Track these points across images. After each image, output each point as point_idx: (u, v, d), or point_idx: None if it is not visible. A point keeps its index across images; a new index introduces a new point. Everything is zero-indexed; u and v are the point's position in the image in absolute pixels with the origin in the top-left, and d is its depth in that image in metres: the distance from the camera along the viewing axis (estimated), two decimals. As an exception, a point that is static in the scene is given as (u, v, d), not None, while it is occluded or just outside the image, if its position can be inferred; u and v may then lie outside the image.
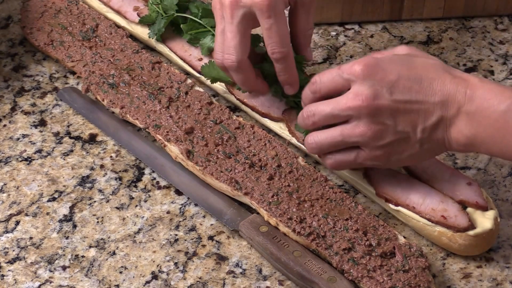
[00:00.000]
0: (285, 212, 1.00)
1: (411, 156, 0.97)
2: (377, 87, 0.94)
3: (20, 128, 1.14)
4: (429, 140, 0.95)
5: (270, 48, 1.02)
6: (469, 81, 0.93)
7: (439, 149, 0.97)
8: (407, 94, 0.94)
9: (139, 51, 1.20)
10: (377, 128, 0.94)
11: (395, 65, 0.95)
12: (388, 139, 0.95)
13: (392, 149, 0.96)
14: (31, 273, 0.99)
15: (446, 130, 0.94)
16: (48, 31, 1.23)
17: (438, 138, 0.95)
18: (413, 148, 0.96)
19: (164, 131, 1.09)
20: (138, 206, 1.06)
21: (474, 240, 0.98)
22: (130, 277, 0.99)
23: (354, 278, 0.95)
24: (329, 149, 0.99)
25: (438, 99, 0.93)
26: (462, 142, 0.94)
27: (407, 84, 0.94)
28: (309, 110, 0.99)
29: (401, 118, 0.94)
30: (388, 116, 0.94)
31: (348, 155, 0.99)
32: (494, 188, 1.07)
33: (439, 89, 0.93)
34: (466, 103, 0.92)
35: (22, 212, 1.05)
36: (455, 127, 0.94)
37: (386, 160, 0.98)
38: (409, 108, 0.94)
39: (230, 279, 0.99)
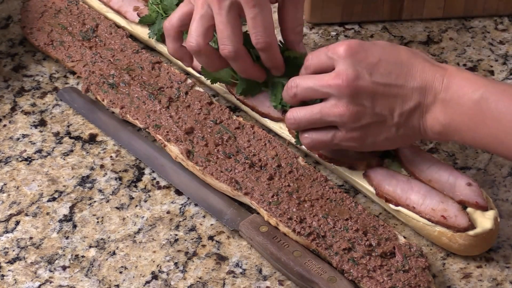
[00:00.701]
0: (285, 212, 1.00)
1: (386, 140, 0.98)
2: (358, 67, 0.96)
3: (20, 128, 1.14)
4: (405, 125, 0.97)
5: (254, 38, 1.03)
6: (447, 69, 0.95)
7: (414, 135, 0.98)
8: (387, 77, 0.96)
9: (139, 51, 1.20)
10: (355, 109, 0.96)
11: (377, 48, 0.97)
12: (365, 120, 0.97)
13: (368, 131, 0.98)
14: (31, 273, 0.99)
15: (422, 117, 0.96)
16: (48, 31, 1.23)
17: (414, 124, 0.96)
18: (389, 132, 0.97)
19: (164, 131, 1.09)
20: (138, 206, 1.06)
21: (474, 240, 0.98)
22: (130, 277, 0.99)
23: (354, 278, 0.95)
24: (307, 126, 1.01)
25: (416, 85, 0.95)
26: (436, 130, 0.96)
27: (387, 67, 0.96)
28: (293, 81, 1.01)
29: (379, 101, 0.96)
30: (367, 97, 0.96)
31: (325, 134, 1.00)
32: (494, 188, 1.07)
33: (418, 76, 0.95)
34: (443, 90, 0.94)
35: (22, 212, 1.05)
36: (431, 114, 0.95)
37: (362, 142, 0.99)
38: (388, 91, 0.95)
39: (230, 279, 0.99)
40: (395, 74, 0.95)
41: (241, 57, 1.05)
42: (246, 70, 1.07)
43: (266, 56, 1.05)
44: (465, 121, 0.93)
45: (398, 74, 0.95)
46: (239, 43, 1.04)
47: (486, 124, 0.92)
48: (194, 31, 1.04)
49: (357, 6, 1.25)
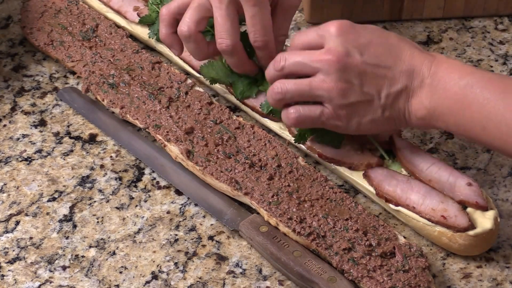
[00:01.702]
0: (285, 212, 1.00)
1: (372, 122, 0.99)
2: (349, 46, 0.97)
3: (20, 128, 1.14)
4: (391, 107, 0.98)
5: (252, 36, 1.04)
6: (436, 57, 0.97)
7: (398, 120, 0.99)
8: (377, 58, 0.97)
9: (139, 51, 1.20)
10: (344, 85, 0.97)
11: (368, 31, 0.99)
12: (353, 98, 0.98)
13: (354, 110, 0.98)
14: (31, 273, 0.99)
15: (408, 100, 0.97)
16: (48, 31, 1.23)
17: (399, 107, 0.98)
18: (375, 113, 0.98)
19: (164, 131, 1.09)
20: (138, 206, 1.06)
21: (474, 240, 0.98)
22: (130, 277, 0.99)
23: (354, 278, 0.95)
24: (293, 99, 1.01)
25: (405, 68, 0.97)
26: (421, 114, 0.97)
27: (377, 49, 0.97)
28: (282, 56, 1.01)
29: (368, 80, 0.97)
30: (356, 75, 0.97)
31: (313, 110, 1.00)
32: (494, 188, 1.07)
33: (407, 60, 0.97)
34: (430, 76, 0.96)
35: (22, 212, 1.05)
36: (416, 98, 0.97)
37: (347, 122, 0.99)
38: (376, 72, 0.97)
39: (230, 279, 0.99)
40: (384, 56, 0.97)
41: (237, 52, 1.06)
42: (242, 65, 1.08)
43: (263, 55, 1.06)
44: (449, 105, 0.95)
45: (388, 56, 0.97)
46: (237, 38, 1.05)
47: (470, 109, 0.93)
48: (188, 17, 1.06)
49: (357, 6, 1.25)
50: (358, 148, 1.06)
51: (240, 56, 1.07)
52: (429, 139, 1.13)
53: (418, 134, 1.13)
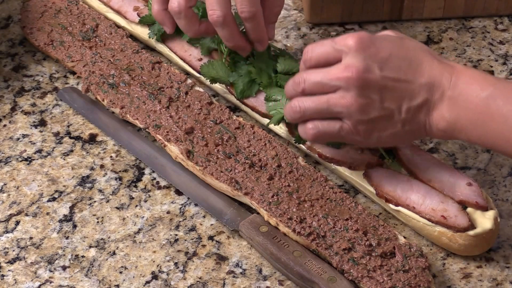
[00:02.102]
0: (285, 212, 1.00)
1: (392, 136, 0.98)
2: (369, 61, 0.95)
3: (20, 128, 1.14)
4: (411, 121, 0.96)
5: (239, 7, 1.05)
6: (455, 67, 0.95)
7: (418, 132, 0.98)
8: (397, 72, 0.95)
9: (139, 51, 1.19)
10: (364, 101, 0.95)
11: (387, 43, 0.96)
12: (373, 114, 0.96)
13: (374, 126, 0.97)
14: (31, 273, 0.99)
15: (429, 113, 0.96)
16: (48, 31, 1.23)
17: (420, 120, 0.96)
18: (395, 127, 0.97)
19: (164, 131, 1.09)
20: (138, 206, 1.06)
21: (474, 240, 0.98)
22: (130, 277, 0.99)
23: (354, 278, 0.95)
24: (312, 116, 0.99)
25: (425, 81, 0.95)
26: (442, 127, 0.95)
27: (397, 62, 0.95)
28: (300, 77, 0.99)
29: (388, 95, 0.95)
30: (376, 91, 0.95)
31: (332, 125, 0.98)
32: (494, 188, 1.07)
33: (427, 72, 0.95)
34: (450, 88, 0.94)
35: (22, 212, 1.05)
36: (437, 111, 0.95)
37: (367, 136, 0.98)
38: (397, 86, 0.95)
39: (230, 279, 0.99)
40: (404, 69, 0.95)
41: (228, 23, 1.06)
42: (233, 38, 1.08)
43: (251, 26, 1.06)
44: (472, 118, 0.93)
45: (407, 69, 0.95)
46: (228, 9, 1.05)
47: (493, 122, 0.92)
48: None
49: (357, 6, 1.25)
50: (358, 148, 1.06)
51: (232, 28, 1.06)
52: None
53: (418, 134, 1.13)
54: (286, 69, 1.11)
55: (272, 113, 1.09)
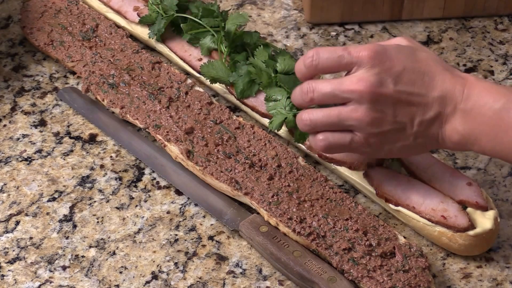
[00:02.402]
0: (285, 212, 1.00)
1: (403, 148, 0.97)
2: (383, 75, 0.94)
3: (20, 128, 1.14)
4: (423, 134, 0.96)
5: None
6: (467, 79, 0.94)
7: (431, 144, 0.97)
8: (410, 86, 0.94)
9: (139, 51, 1.19)
10: (376, 115, 0.94)
11: (401, 56, 0.95)
12: (385, 127, 0.95)
13: (386, 138, 0.96)
14: (31, 273, 0.99)
15: (441, 126, 0.95)
16: (48, 31, 1.23)
17: (432, 133, 0.96)
18: (407, 139, 0.96)
19: (164, 131, 1.09)
20: (138, 206, 1.06)
21: (474, 240, 0.98)
22: (130, 277, 0.99)
23: (354, 278, 0.95)
24: (322, 128, 0.98)
25: (437, 94, 0.94)
26: (455, 140, 0.95)
27: (411, 76, 0.94)
28: (309, 86, 0.97)
29: (401, 109, 0.95)
30: (389, 105, 0.94)
31: (343, 137, 0.97)
32: (494, 188, 1.07)
33: (439, 85, 0.94)
34: (463, 101, 0.93)
35: (22, 212, 1.05)
36: (450, 124, 0.94)
37: (378, 148, 0.98)
38: (410, 99, 0.94)
39: (230, 279, 0.99)
40: (417, 83, 0.94)
41: None
42: None
43: None
44: (485, 130, 0.92)
45: (421, 83, 0.94)
46: None
47: (507, 133, 0.91)
48: None
49: (357, 6, 1.25)
50: (358, 148, 1.06)
51: None
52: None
53: (418, 134, 1.13)
54: (286, 69, 1.11)
55: (272, 113, 1.09)
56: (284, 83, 1.09)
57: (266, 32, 1.26)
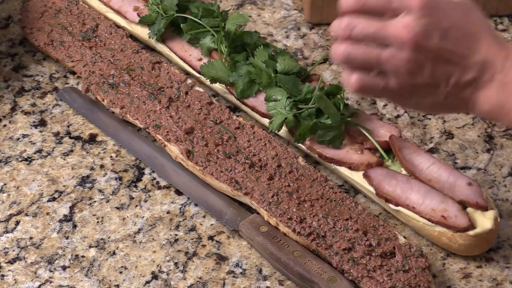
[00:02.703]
0: (285, 212, 1.00)
1: (432, 104, 0.95)
2: (430, 27, 0.91)
3: (20, 128, 1.14)
4: (456, 95, 0.93)
5: None
6: (511, 50, 0.92)
7: (459, 108, 0.95)
8: (455, 45, 0.92)
9: (139, 51, 1.20)
10: (415, 66, 0.92)
11: (452, 11, 0.93)
12: (420, 80, 0.93)
13: (418, 91, 0.94)
14: (31, 273, 0.99)
15: (475, 92, 0.92)
16: (48, 31, 1.23)
17: (464, 97, 0.93)
18: (438, 97, 0.94)
19: (164, 131, 1.09)
20: (138, 206, 1.06)
21: (474, 240, 0.98)
22: (130, 277, 0.99)
23: (354, 278, 0.95)
24: (356, 64, 0.94)
25: (479, 59, 0.91)
26: (486, 108, 0.93)
27: (458, 34, 0.92)
28: (351, 22, 0.93)
29: (440, 65, 0.92)
30: (429, 59, 0.92)
31: (378, 82, 0.94)
32: (494, 188, 1.07)
33: (484, 50, 0.92)
34: (504, 71, 0.91)
35: (22, 212, 1.05)
36: (484, 92, 0.92)
37: (408, 98, 0.95)
38: (451, 58, 0.92)
39: (230, 279, 0.99)
40: (463, 43, 0.91)
41: None
42: None
43: None
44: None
45: (466, 44, 0.92)
46: None
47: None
48: None
49: (357, 6, 1.25)
50: (358, 148, 1.07)
51: None
52: (429, 139, 1.13)
53: (418, 134, 1.13)
54: (286, 69, 1.11)
55: (272, 113, 1.09)
56: (284, 83, 1.09)
57: (266, 32, 1.27)
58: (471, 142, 1.12)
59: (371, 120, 1.09)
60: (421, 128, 1.14)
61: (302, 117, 1.08)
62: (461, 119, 1.15)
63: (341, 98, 1.08)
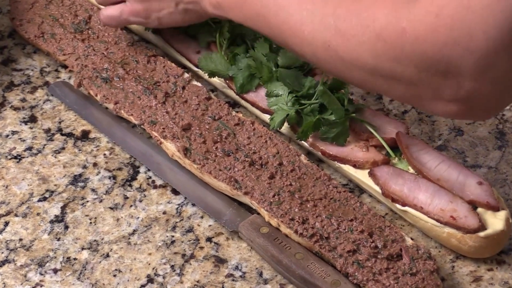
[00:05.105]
0: (287, 212, 1.00)
1: (170, 15, 1.12)
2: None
3: (10, 124, 1.15)
4: (184, 1, 1.09)
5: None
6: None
7: (196, 11, 1.09)
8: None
9: (134, 44, 1.20)
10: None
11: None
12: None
13: (149, 6, 1.12)
14: (21, 277, 0.99)
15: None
16: (38, 23, 1.23)
17: (193, 1, 1.08)
18: (169, 7, 1.11)
19: (160, 127, 1.09)
20: (133, 206, 1.06)
21: (485, 242, 0.98)
22: (124, 280, 0.99)
23: (359, 281, 0.95)
24: (106, 2, 1.16)
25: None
26: (212, 8, 1.05)
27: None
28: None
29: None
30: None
31: (115, 9, 1.14)
32: (505, 187, 1.07)
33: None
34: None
35: (11, 213, 1.05)
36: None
37: (147, 17, 1.13)
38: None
39: (229, 282, 0.99)
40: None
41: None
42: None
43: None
44: (233, 2, 1.02)
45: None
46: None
47: (251, 3, 0.99)
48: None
49: None
50: (363, 146, 1.07)
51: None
52: (437, 135, 1.13)
53: (426, 131, 1.13)
54: (287, 63, 1.11)
55: (273, 108, 1.09)
56: (286, 77, 1.09)
57: (267, 23, 1.26)
58: (481, 139, 1.12)
59: (377, 116, 1.09)
60: (430, 125, 1.14)
61: (305, 113, 1.08)
62: (471, 115, 1.15)
63: (345, 93, 1.08)
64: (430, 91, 0.84)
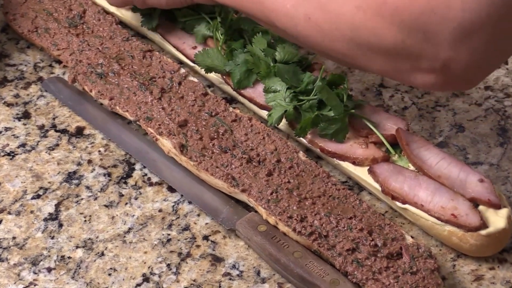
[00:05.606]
0: (285, 210, 1.00)
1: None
2: None
3: (3, 120, 1.14)
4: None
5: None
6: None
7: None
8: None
9: (129, 39, 1.20)
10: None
11: None
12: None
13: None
14: (14, 275, 0.99)
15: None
16: (32, 17, 1.23)
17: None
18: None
19: (156, 124, 1.09)
20: (128, 204, 1.06)
21: (486, 240, 0.98)
22: (119, 279, 0.99)
23: (358, 280, 0.95)
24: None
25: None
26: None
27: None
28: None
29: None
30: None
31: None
32: (507, 184, 1.07)
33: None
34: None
35: (4, 210, 1.05)
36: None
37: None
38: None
39: (226, 281, 0.99)
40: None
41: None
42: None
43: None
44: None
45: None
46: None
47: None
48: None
49: None
50: (363, 142, 1.06)
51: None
52: (438, 132, 1.13)
53: (427, 127, 1.13)
54: (285, 58, 1.11)
55: (271, 104, 1.09)
56: (284, 73, 1.09)
57: (265, 18, 1.26)
58: (483, 136, 1.12)
59: (377, 112, 1.09)
60: (430, 121, 1.14)
61: (303, 109, 1.08)
62: (473, 111, 1.15)
63: (344, 89, 1.08)
64: (408, 62, 0.87)
